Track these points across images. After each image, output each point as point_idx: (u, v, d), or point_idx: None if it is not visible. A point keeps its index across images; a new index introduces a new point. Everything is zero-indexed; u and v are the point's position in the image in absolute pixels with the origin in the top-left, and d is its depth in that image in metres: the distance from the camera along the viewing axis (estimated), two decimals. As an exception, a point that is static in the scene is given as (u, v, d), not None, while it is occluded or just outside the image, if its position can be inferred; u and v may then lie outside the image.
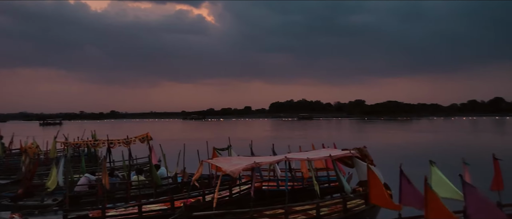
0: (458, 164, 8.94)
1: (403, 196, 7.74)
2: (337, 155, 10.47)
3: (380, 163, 12.13)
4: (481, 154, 13.24)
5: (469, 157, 11.05)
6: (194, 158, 13.28)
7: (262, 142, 33.19)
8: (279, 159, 9.90)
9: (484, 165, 9.66)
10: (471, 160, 10.66)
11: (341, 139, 44.71)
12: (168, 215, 9.20)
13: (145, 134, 17.53)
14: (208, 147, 14.38)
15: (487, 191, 8.84)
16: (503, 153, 12.56)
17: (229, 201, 10.94)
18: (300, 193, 12.39)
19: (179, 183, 13.33)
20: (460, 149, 32.78)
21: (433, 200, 6.17)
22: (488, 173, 8.99)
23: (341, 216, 9.28)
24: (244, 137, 40.62)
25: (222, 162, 9.49)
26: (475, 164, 11.05)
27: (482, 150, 25.69)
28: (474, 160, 11.88)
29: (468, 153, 24.45)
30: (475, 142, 43.29)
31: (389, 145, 39.19)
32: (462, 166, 8.92)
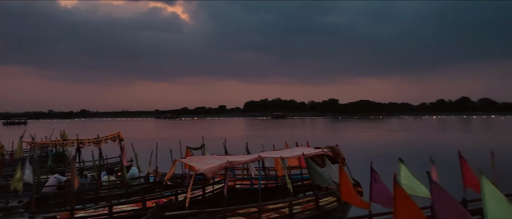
0: (426, 161, 9.23)
1: (373, 193, 7.91)
2: (310, 154, 10.58)
3: (352, 161, 12.36)
4: (448, 152, 13.68)
5: (436, 154, 11.41)
6: (167, 157, 13.13)
7: (236, 141, 33.19)
8: (253, 158, 9.90)
9: (451, 162, 9.96)
10: (439, 158, 11.03)
11: (315, 137, 45.23)
12: (139, 216, 9.03)
13: (117, 134, 17.17)
14: (181, 146, 14.24)
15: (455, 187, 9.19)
16: (469, 151, 13.06)
17: (202, 200, 10.86)
18: (273, 191, 12.45)
19: (152, 183, 13.12)
20: (428, 147, 33.80)
21: (402, 197, 6.30)
22: (454, 170, 9.30)
23: (313, 213, 9.38)
24: (219, 136, 40.49)
25: (195, 161, 9.41)
26: (443, 162, 11.44)
27: (449, 148, 26.57)
28: (442, 158, 12.29)
29: (436, 151, 25.21)
30: (442, 140, 44.73)
31: (361, 144, 39.99)
32: (429, 163, 9.23)
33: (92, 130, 62.57)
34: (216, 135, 49.24)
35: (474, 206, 8.75)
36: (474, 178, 8.28)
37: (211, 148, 15.61)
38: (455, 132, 61.17)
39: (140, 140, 36.93)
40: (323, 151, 10.92)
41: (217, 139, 20.25)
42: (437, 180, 8.78)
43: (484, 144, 33.68)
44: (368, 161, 8.24)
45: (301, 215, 9.17)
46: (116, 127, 69.43)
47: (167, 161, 11.66)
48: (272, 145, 14.76)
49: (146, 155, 13.99)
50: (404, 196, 6.26)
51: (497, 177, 9.50)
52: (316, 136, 52.35)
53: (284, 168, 9.93)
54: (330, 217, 9.47)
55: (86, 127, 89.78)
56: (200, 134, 16.28)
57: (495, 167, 9.62)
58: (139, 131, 71.24)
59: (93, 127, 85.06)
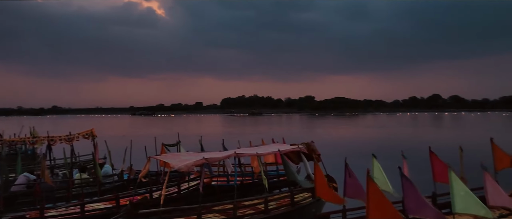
0: (399, 157, 9.46)
1: (347, 188, 8.04)
2: (285, 150, 10.66)
3: (327, 157, 12.53)
4: (419, 148, 14.05)
5: (408, 150, 11.72)
6: (141, 154, 12.94)
7: (213, 138, 33.00)
8: (229, 154, 9.89)
9: (422, 157, 10.22)
10: (411, 153, 11.33)
11: (291, 134, 45.57)
12: (112, 214, 8.89)
13: (90, 130, 16.79)
14: (156, 143, 14.07)
15: (425, 182, 9.46)
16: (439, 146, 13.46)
17: (177, 198, 10.78)
18: (250, 188, 12.48)
19: (125, 180, 12.91)
20: (401, 142, 34.67)
21: (374, 192, 6.43)
22: (426, 165, 9.57)
23: (289, 209, 9.47)
24: (195, 133, 40.21)
25: (170, 158, 9.30)
26: (414, 157, 11.75)
27: (421, 144, 27.30)
28: (414, 153, 12.63)
29: (408, 147, 25.86)
30: (415, 136, 45.91)
31: (336, 140, 40.56)
32: (401, 159, 9.46)
33: (64, 127, 60.99)
34: (192, 132, 48.91)
35: (444, 200, 9.04)
36: (443, 172, 8.51)
37: (187, 145, 15.48)
38: (426, 128, 62.88)
39: (114, 137, 36.23)
40: (299, 147, 11.02)
41: (193, 136, 20.12)
42: (409, 175, 9.01)
43: (454, 140, 34.80)
44: (343, 157, 8.37)
45: (276, 211, 9.23)
46: (89, 124, 67.77)
47: (142, 158, 11.49)
48: (249, 142, 14.79)
49: (120, 152, 13.75)
50: (376, 191, 6.39)
51: (465, 172, 9.87)
52: (292, 132, 52.71)
53: (260, 164, 9.97)
54: (305, 213, 9.57)
55: (58, 124, 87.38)
56: (176, 131, 16.09)
57: (463, 162, 9.96)
58: (113, 128, 69.88)
59: (65, 124, 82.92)
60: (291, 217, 9.36)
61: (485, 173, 7.09)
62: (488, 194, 7.05)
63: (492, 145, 9.85)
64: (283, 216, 9.20)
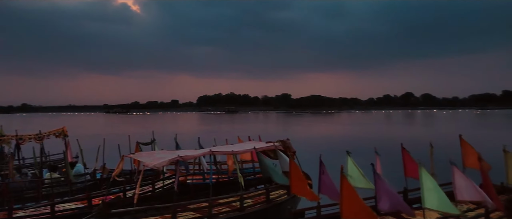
0: (373, 153, 9.65)
1: (321, 185, 8.14)
2: (261, 148, 10.68)
3: (303, 154, 12.63)
4: (392, 144, 14.37)
5: (382, 147, 11.95)
6: (115, 153, 12.70)
7: (188, 136, 32.76)
8: (204, 152, 9.83)
9: (395, 154, 10.44)
10: (384, 150, 11.57)
11: (268, 132, 45.77)
12: (84, 214, 8.68)
13: (61, 129, 16.29)
14: (130, 141, 13.83)
15: (397, 178, 9.70)
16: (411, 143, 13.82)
17: (152, 196, 10.63)
18: (226, 185, 12.45)
19: (98, 179, 12.62)
20: (375, 139, 35.35)
21: (347, 188, 6.54)
22: (398, 161, 9.80)
23: (264, 206, 9.50)
24: (170, 131, 39.75)
25: (145, 157, 9.16)
26: (387, 154, 12.01)
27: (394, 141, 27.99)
28: (387, 150, 12.88)
29: (381, 144, 26.45)
30: (388, 133, 46.92)
31: (312, 137, 41.00)
32: (374, 155, 9.65)
33: (34, 125, 59.13)
34: (167, 130, 48.35)
35: (415, 195, 9.29)
36: (414, 168, 8.74)
37: (162, 143, 15.28)
38: (399, 126, 64.43)
39: (87, 136, 35.38)
40: (274, 145, 11.06)
41: (169, 134, 19.87)
42: (382, 171, 9.23)
43: (425, 136, 35.79)
44: (318, 154, 8.46)
45: (252, 209, 9.25)
46: (61, 122, 66.01)
47: (115, 157, 11.27)
48: (225, 140, 14.75)
49: (93, 151, 13.45)
50: (349, 188, 6.50)
51: (435, 167, 10.17)
52: (269, 130, 52.95)
53: (236, 162, 9.96)
54: (281, 210, 9.63)
55: (28, 122, 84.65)
56: (151, 129, 15.87)
57: (433, 158, 10.26)
58: (86, 127, 68.29)
59: (35, 122, 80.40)
60: (266, 214, 9.40)
61: (453, 168, 7.31)
62: (456, 189, 7.28)
63: (461, 142, 10.18)
64: (258, 214, 9.23)
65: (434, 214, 7.86)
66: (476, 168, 8.25)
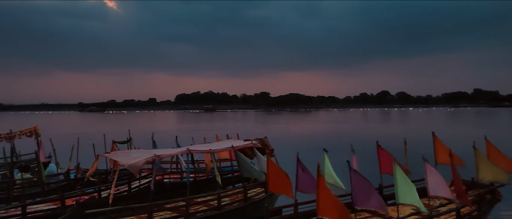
0: (349, 151, 9.81)
1: (299, 183, 8.21)
2: (239, 146, 10.67)
3: (280, 152, 12.71)
4: (368, 142, 14.62)
5: (358, 144, 12.16)
6: (90, 152, 12.44)
7: (166, 134, 32.44)
8: (181, 151, 9.73)
9: (371, 151, 10.60)
10: (360, 147, 11.77)
11: (246, 130, 45.76)
12: (58, 215, 8.46)
13: (33, 128, 15.81)
14: (105, 140, 13.57)
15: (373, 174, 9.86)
16: (386, 140, 14.14)
17: (127, 196, 10.47)
18: (203, 184, 12.39)
19: (72, 179, 12.33)
20: (352, 137, 35.90)
21: (323, 186, 6.62)
22: (374, 158, 9.98)
23: (242, 205, 9.51)
24: (147, 129, 39.24)
25: (120, 156, 8.99)
26: (363, 151, 12.23)
27: (370, 138, 28.50)
28: (363, 147, 13.12)
29: (358, 141, 26.89)
30: (364, 131, 47.73)
31: (290, 135, 41.23)
32: (350, 153, 9.80)
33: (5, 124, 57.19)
34: (145, 128, 47.68)
35: (389, 191, 9.49)
36: (389, 165, 8.92)
37: (139, 142, 15.08)
38: (376, 123, 65.64)
39: (60, 135, 34.56)
40: (252, 143, 11.08)
41: (146, 132, 19.58)
42: (358, 168, 9.38)
43: (400, 134, 36.59)
44: (296, 152, 8.52)
45: (229, 207, 9.24)
46: (33, 121, 64.09)
47: (90, 156, 11.03)
48: (203, 138, 14.67)
49: (67, 151, 13.13)
50: (325, 185, 6.58)
51: (409, 164, 10.41)
52: (247, 128, 52.97)
53: (213, 161, 9.91)
54: (258, 208, 9.65)
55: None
56: (128, 128, 15.61)
57: (407, 154, 10.50)
58: (60, 125, 66.60)
59: (6, 121, 77.73)
60: (244, 213, 9.41)
61: (425, 164, 7.50)
62: (428, 185, 7.47)
63: (433, 139, 10.45)
64: (236, 212, 9.23)
65: (407, 210, 8.05)
66: (448, 164, 8.48)
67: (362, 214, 8.25)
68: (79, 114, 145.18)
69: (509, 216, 11.10)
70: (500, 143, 10.65)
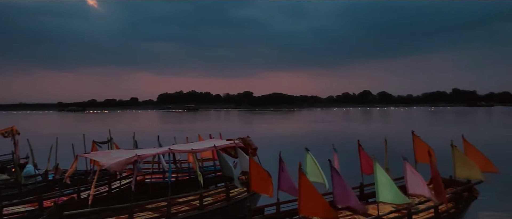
0: (331, 150, 9.89)
1: (281, 182, 8.23)
2: (221, 146, 10.64)
3: (264, 151, 12.73)
4: (350, 141, 14.78)
5: (340, 143, 12.28)
6: (69, 153, 12.19)
7: (148, 134, 32.08)
8: (163, 151, 9.63)
9: (352, 150, 10.72)
10: (342, 146, 11.88)
11: (230, 129, 45.69)
12: (35, 217, 8.29)
13: (10, 128, 15.40)
14: (85, 140, 13.33)
15: (354, 173, 9.98)
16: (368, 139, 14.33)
17: (108, 197, 10.32)
18: (186, 184, 12.30)
19: (50, 180, 12.09)
20: (334, 136, 36.24)
21: (305, 184, 6.66)
22: (355, 157, 10.10)
23: (224, 204, 9.49)
24: (129, 129, 38.76)
25: (100, 156, 8.84)
26: (345, 150, 12.34)
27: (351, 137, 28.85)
28: (345, 146, 13.25)
29: (340, 140, 27.15)
30: (347, 130, 48.24)
31: (273, 135, 41.35)
32: (332, 152, 9.89)
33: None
34: (126, 128, 47.08)
35: (370, 190, 9.62)
36: (370, 164, 9.04)
37: (121, 142, 14.84)
38: (358, 123, 66.41)
39: (39, 135, 33.80)
40: (235, 142, 11.05)
41: (128, 132, 19.31)
42: (339, 167, 9.45)
43: (381, 133, 37.12)
44: (279, 151, 8.53)
45: (211, 207, 9.20)
46: (11, 121, 62.50)
47: (69, 157, 10.81)
48: (185, 138, 14.56)
49: (45, 151, 12.85)
50: (307, 184, 6.62)
51: (389, 162, 10.57)
52: (230, 128, 52.88)
53: (195, 160, 9.85)
54: (240, 207, 9.65)
55: (-26, 121, 79.44)
56: (109, 128, 15.36)
57: (387, 153, 10.65)
58: (38, 125, 65.12)
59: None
60: (226, 212, 9.39)
61: (405, 163, 7.62)
62: (408, 183, 7.60)
63: (413, 137, 10.64)
64: (218, 212, 9.20)
65: (387, 208, 8.17)
66: (427, 163, 8.64)
67: (344, 212, 8.34)
68: (58, 114, 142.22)
69: (486, 212, 11.41)
70: (476, 141, 10.90)
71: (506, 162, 17.90)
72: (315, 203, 6.45)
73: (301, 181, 6.64)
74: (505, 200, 12.79)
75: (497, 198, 12.74)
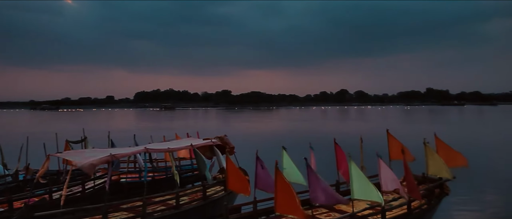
0: (308, 148, 9.98)
1: (258, 180, 8.25)
2: (198, 144, 10.58)
3: (242, 150, 12.71)
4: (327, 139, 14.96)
5: (317, 142, 12.40)
6: (40, 152, 11.87)
7: (124, 133, 31.54)
8: (138, 150, 9.50)
9: (329, 148, 10.83)
10: (319, 144, 12.00)
11: (208, 128, 45.47)
12: (5, 218, 8.01)
13: (-22, 127, 14.89)
14: (58, 139, 13.00)
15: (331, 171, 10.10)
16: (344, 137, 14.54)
17: (81, 197, 10.09)
18: (162, 183, 12.18)
19: (21, 181, 11.73)
20: (311, 135, 36.56)
21: (282, 182, 6.70)
22: (332, 155, 10.22)
23: (200, 203, 9.43)
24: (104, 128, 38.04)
25: (73, 155, 8.64)
26: (322, 148, 12.48)
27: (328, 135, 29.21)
28: (322, 145, 13.39)
29: (317, 139, 27.42)
30: (324, 128, 48.76)
31: (251, 133, 41.40)
32: (309, 150, 9.98)
33: None
34: (102, 127, 46.16)
35: (346, 187, 9.77)
36: (346, 162, 9.18)
37: (95, 141, 14.54)
38: (335, 121, 67.27)
39: (9, 134, 32.79)
40: (212, 141, 11.01)
41: (103, 131, 18.92)
42: (316, 165, 9.57)
43: (357, 131, 37.69)
44: (256, 150, 8.53)
45: (188, 206, 9.13)
46: (-20, 119, 60.32)
47: (41, 156, 10.52)
48: (163, 137, 14.40)
49: (16, 151, 12.47)
50: (283, 182, 6.65)
51: (364, 160, 10.75)
52: (209, 126, 52.64)
53: (172, 159, 9.76)
54: (217, 206, 9.62)
55: None
56: (83, 127, 15.01)
57: (363, 151, 10.83)
58: (8, 124, 63.08)
59: (-52, 120, 72.69)
60: (203, 211, 9.34)
61: (379, 160, 7.77)
62: (382, 180, 7.75)
63: (387, 136, 10.86)
64: (195, 211, 9.15)
65: (362, 205, 8.32)
66: (401, 160, 8.83)
67: (319, 210, 8.44)
68: (30, 112, 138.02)
69: (457, 208, 11.78)
70: (448, 139, 11.22)
71: (476, 159, 18.54)
72: (291, 201, 6.49)
73: (278, 179, 6.67)
74: (474, 196, 13.24)
75: (467, 194, 13.18)
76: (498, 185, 15.24)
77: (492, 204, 12.58)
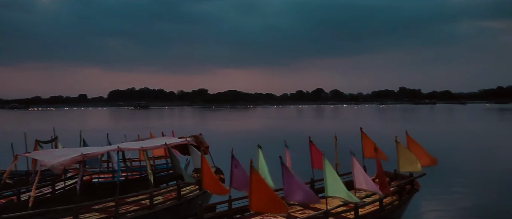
0: (283, 146, 10.04)
1: (233, 179, 8.24)
2: (173, 143, 10.47)
3: (217, 149, 12.67)
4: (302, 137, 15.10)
5: (292, 140, 12.47)
6: (7, 152, 11.44)
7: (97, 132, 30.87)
8: (111, 149, 9.33)
9: (304, 146, 10.92)
10: (294, 143, 12.10)
11: (183, 127, 45.08)
12: (-32, 222, 7.69)
13: None
14: (26, 139, 12.56)
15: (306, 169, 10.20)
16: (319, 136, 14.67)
17: (51, 198, 9.82)
18: (136, 183, 11.98)
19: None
20: (287, 133, 36.77)
21: (257, 181, 6.71)
22: (307, 153, 10.32)
23: (175, 203, 9.34)
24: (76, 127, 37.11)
25: (42, 155, 8.40)
26: (297, 146, 12.57)
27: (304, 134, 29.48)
28: (297, 143, 13.49)
29: (292, 137, 27.60)
30: (299, 127, 49.18)
31: (227, 132, 41.30)
32: (284, 148, 10.05)
33: None
34: (74, 126, 45.02)
35: (321, 185, 9.87)
36: (320, 160, 9.29)
37: (67, 141, 14.16)
38: (311, 120, 68.00)
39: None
40: (187, 140, 10.92)
41: (75, 131, 18.44)
42: (291, 163, 9.65)
43: (332, 129, 38.21)
44: (230, 149, 8.52)
45: (162, 206, 9.03)
46: None
47: (8, 157, 10.15)
48: (137, 135, 14.17)
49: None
50: (258, 180, 6.67)
51: (339, 158, 10.91)
52: (184, 125, 52.17)
53: (146, 158, 9.63)
54: (192, 205, 9.55)
55: None
56: (53, 126, 14.56)
57: (337, 149, 10.99)
58: (-24, 124, 60.63)
59: None
60: (177, 211, 9.25)
61: (352, 158, 7.91)
62: (355, 177, 7.89)
63: (361, 134, 11.05)
64: (169, 210, 9.05)
65: (336, 202, 8.43)
66: (374, 158, 9.01)
67: (294, 207, 8.51)
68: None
69: (427, 204, 12.13)
70: (419, 136, 11.53)
71: (445, 156, 19.15)
72: (266, 199, 6.52)
73: (252, 177, 6.68)
74: (443, 192, 13.67)
75: (436, 190, 13.59)
76: (466, 180, 15.82)
77: (460, 199, 13.04)
